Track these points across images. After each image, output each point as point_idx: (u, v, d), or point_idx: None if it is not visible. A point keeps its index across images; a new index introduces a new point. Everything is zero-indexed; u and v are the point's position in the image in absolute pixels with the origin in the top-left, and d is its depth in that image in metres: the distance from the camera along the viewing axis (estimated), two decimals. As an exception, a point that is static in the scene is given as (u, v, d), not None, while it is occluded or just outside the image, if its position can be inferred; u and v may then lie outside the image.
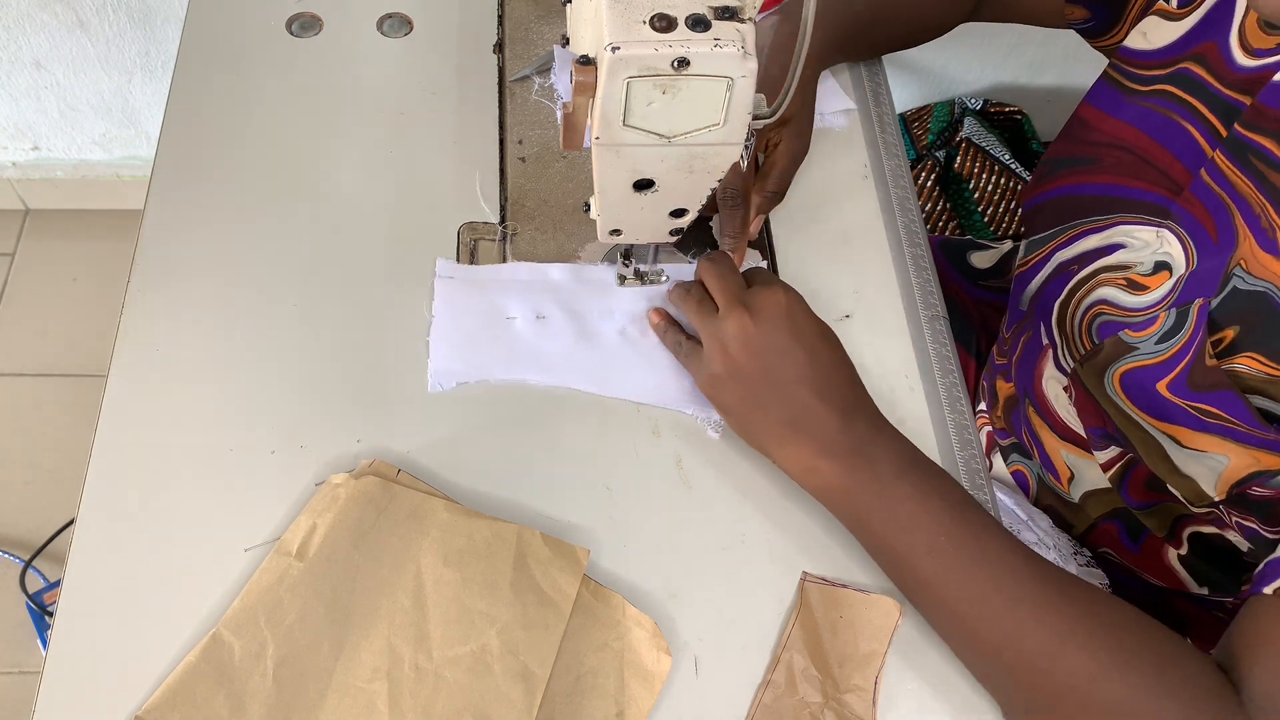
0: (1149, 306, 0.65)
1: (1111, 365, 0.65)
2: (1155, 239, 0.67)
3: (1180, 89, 0.68)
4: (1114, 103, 0.72)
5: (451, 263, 0.72)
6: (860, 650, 0.59)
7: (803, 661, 0.58)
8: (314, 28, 0.84)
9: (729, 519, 0.64)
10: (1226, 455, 0.60)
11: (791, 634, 0.59)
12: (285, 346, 0.68)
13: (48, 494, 1.40)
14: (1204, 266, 0.62)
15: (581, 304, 0.71)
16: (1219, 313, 0.60)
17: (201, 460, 0.63)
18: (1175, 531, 0.71)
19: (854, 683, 0.58)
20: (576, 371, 0.68)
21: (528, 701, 0.55)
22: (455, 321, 0.70)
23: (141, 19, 1.34)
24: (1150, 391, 0.63)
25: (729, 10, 0.50)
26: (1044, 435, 0.78)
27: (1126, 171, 0.70)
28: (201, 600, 0.58)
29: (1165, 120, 0.68)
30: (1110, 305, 0.67)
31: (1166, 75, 0.69)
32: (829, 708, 0.57)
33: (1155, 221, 0.67)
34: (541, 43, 0.85)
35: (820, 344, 0.62)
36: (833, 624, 0.60)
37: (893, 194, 0.80)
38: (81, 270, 1.59)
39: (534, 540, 0.60)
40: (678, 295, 0.68)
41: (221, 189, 0.74)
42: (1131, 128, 0.70)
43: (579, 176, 0.78)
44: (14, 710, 1.26)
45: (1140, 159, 0.69)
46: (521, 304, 0.71)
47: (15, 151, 1.55)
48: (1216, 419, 0.59)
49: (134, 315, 0.68)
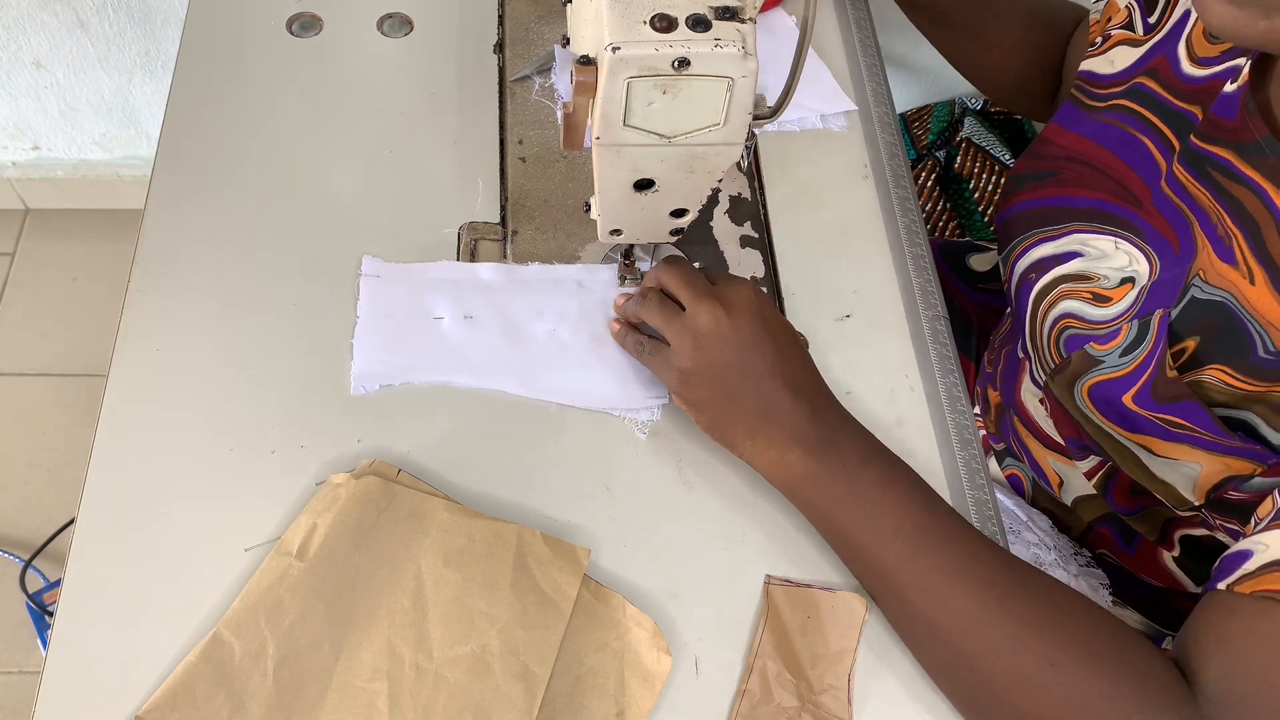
0: (1113, 319, 0.65)
1: (1080, 378, 0.65)
2: (1114, 249, 0.67)
3: (1135, 103, 0.69)
4: (1074, 119, 0.74)
5: (378, 261, 0.71)
6: (831, 649, 0.59)
7: (775, 667, 0.58)
8: (314, 28, 0.84)
9: (729, 519, 0.64)
10: (1198, 463, 0.60)
11: (762, 640, 0.59)
12: (285, 346, 0.68)
13: (48, 494, 1.39)
14: (1165, 277, 0.63)
15: (513, 304, 0.70)
16: (1179, 323, 0.60)
17: (201, 460, 0.63)
18: (1166, 534, 0.71)
19: (828, 682, 0.58)
20: (502, 373, 0.67)
21: (528, 701, 0.55)
22: (380, 322, 0.68)
23: (141, 19, 1.34)
24: (1118, 404, 0.63)
25: (729, 10, 0.50)
26: (1030, 444, 0.79)
27: (1082, 183, 0.71)
28: (201, 600, 0.58)
29: (1122, 134, 0.69)
30: (1076, 319, 0.67)
31: (1123, 91, 0.70)
32: (806, 710, 0.57)
33: (1111, 231, 0.67)
34: (541, 43, 0.85)
35: (786, 339, 0.63)
36: (801, 625, 0.60)
37: (893, 194, 0.80)
38: (81, 270, 1.59)
39: (534, 540, 0.60)
40: (634, 303, 0.66)
41: (221, 189, 0.74)
42: (1089, 142, 0.71)
43: (579, 176, 0.78)
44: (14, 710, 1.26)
45: (1096, 171, 0.70)
46: (449, 304, 0.69)
47: (15, 151, 1.54)
48: (1183, 429, 0.60)
49: (134, 315, 0.68)
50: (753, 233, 0.77)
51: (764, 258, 0.76)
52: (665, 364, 0.64)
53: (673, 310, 0.64)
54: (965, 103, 1.46)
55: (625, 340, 0.68)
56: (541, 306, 0.70)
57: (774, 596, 0.61)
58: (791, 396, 0.61)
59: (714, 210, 0.78)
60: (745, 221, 0.78)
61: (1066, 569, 0.69)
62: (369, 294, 0.69)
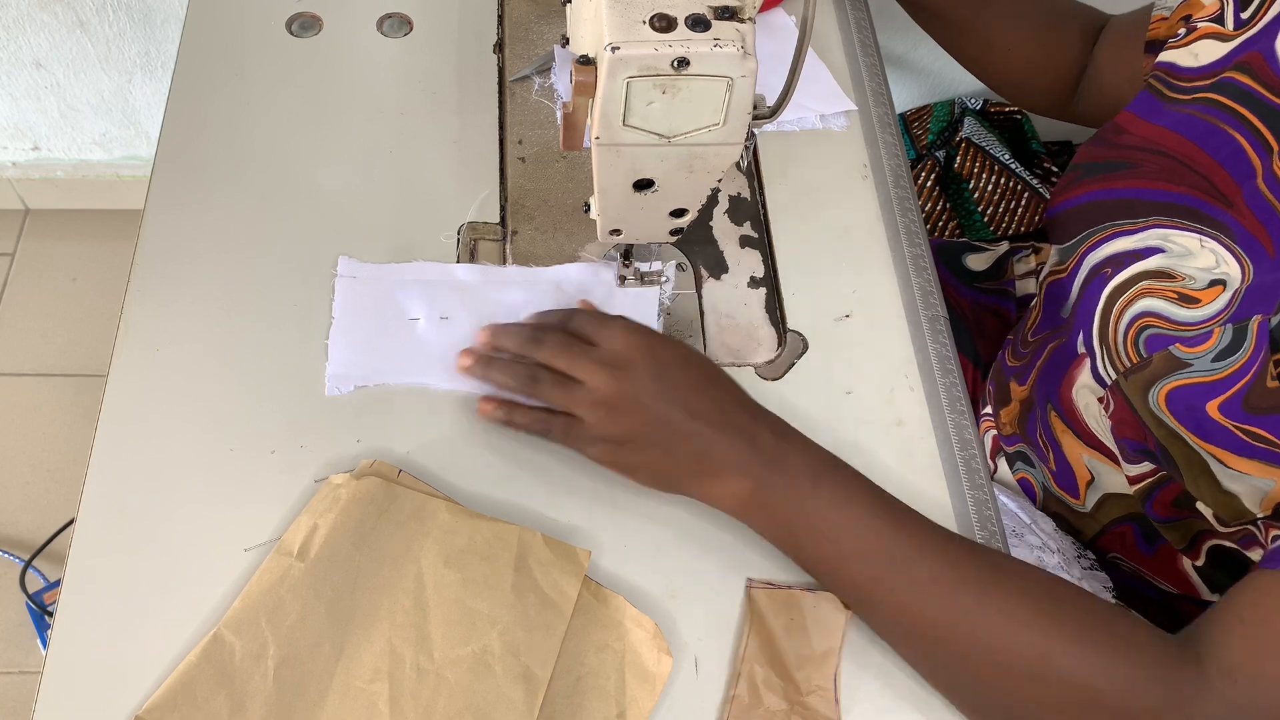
0: (1202, 321, 0.62)
1: (1159, 380, 0.63)
2: (1198, 246, 0.64)
3: (1226, 97, 0.66)
4: (1153, 110, 0.70)
5: (354, 261, 0.71)
6: (816, 650, 0.59)
7: (763, 671, 0.58)
8: (314, 28, 0.84)
9: (729, 519, 0.64)
10: (1271, 480, 0.58)
11: (748, 645, 0.59)
12: (285, 346, 0.68)
13: (48, 494, 1.39)
14: (1261, 281, 0.60)
15: (489, 305, 0.69)
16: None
17: (201, 460, 0.63)
18: (1195, 544, 0.70)
19: (815, 683, 0.58)
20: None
21: (529, 702, 0.55)
22: (354, 322, 0.68)
23: (141, 19, 1.34)
24: (1199, 411, 0.61)
25: (729, 10, 0.50)
26: (1065, 440, 0.77)
27: (1163, 176, 0.68)
28: (201, 600, 0.58)
29: (1209, 128, 0.66)
30: (1159, 318, 0.64)
31: (1210, 85, 0.67)
32: (795, 713, 0.57)
33: (1195, 228, 0.65)
34: (541, 43, 0.85)
35: (691, 369, 0.61)
36: (785, 627, 0.59)
37: (893, 194, 0.80)
38: (81, 270, 1.59)
39: (535, 541, 0.60)
40: (522, 382, 0.63)
41: (221, 189, 0.74)
42: (1172, 134, 0.68)
43: (579, 176, 0.78)
44: (14, 710, 1.26)
45: (1180, 164, 0.67)
46: (425, 304, 0.69)
47: (15, 151, 1.54)
48: (1265, 443, 0.58)
49: (134, 315, 0.68)
50: (752, 233, 0.77)
51: (764, 258, 0.76)
52: (583, 441, 0.62)
53: (570, 385, 0.61)
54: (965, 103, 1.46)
55: (520, 421, 0.64)
56: (517, 308, 0.69)
57: (757, 600, 0.60)
58: (721, 434, 0.59)
59: (714, 210, 0.78)
60: (745, 221, 0.78)
61: (1070, 572, 0.69)
62: (344, 295, 0.69)
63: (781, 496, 0.59)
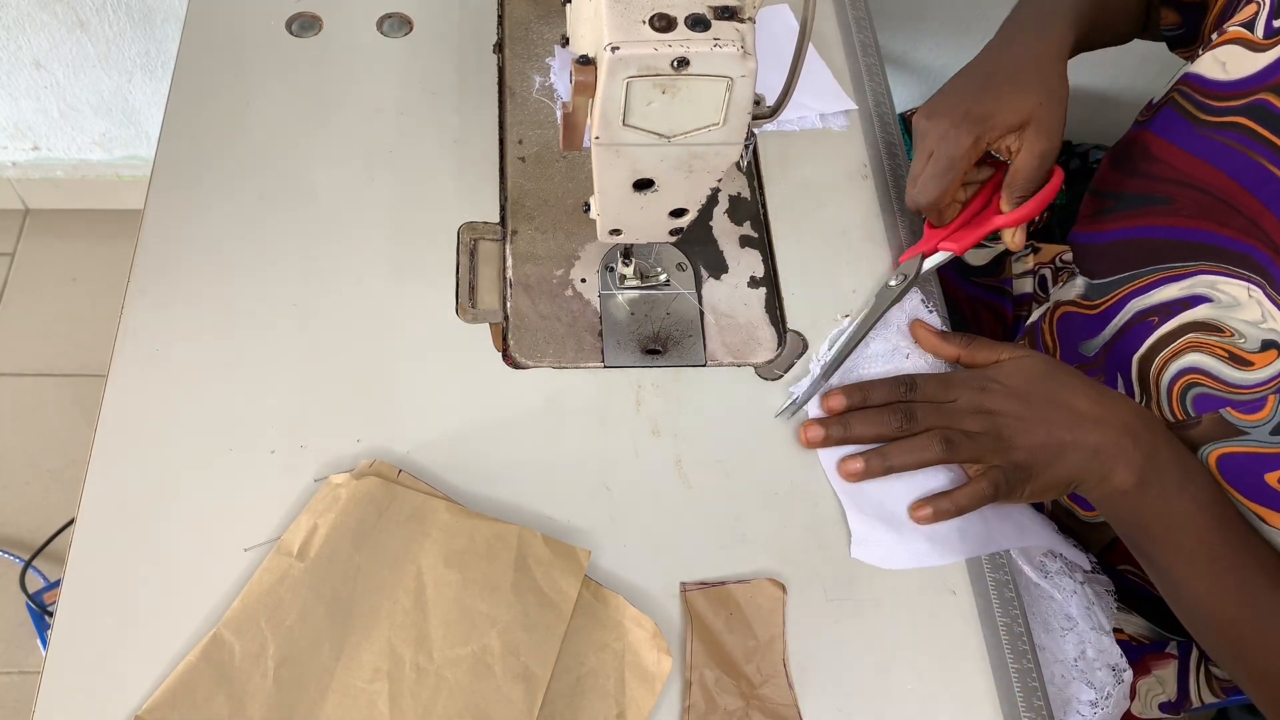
0: (1255, 385, 0.59)
1: (1212, 443, 0.61)
2: (1246, 296, 0.60)
3: (1260, 124, 0.60)
4: (1183, 133, 0.66)
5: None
6: (760, 639, 0.59)
7: (712, 674, 0.58)
8: (314, 28, 0.84)
9: (728, 519, 0.64)
10: None
11: (692, 650, 0.59)
12: (285, 346, 0.68)
13: (48, 494, 1.39)
14: None
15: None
16: None
17: (201, 460, 0.63)
18: None
19: (766, 673, 0.58)
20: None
21: (528, 702, 0.55)
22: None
23: (141, 19, 1.34)
24: (1257, 479, 0.59)
25: (729, 10, 0.50)
26: None
27: (1208, 216, 0.63)
28: (201, 600, 0.58)
29: (1247, 162, 0.61)
30: (1208, 376, 0.61)
31: (1241, 107, 0.62)
32: (752, 707, 0.57)
33: (1244, 275, 0.61)
34: (541, 43, 0.85)
35: (1066, 375, 0.64)
36: (726, 624, 0.59)
37: (893, 194, 0.80)
38: (81, 270, 1.59)
39: (535, 541, 0.60)
40: (898, 423, 0.64)
41: (221, 189, 0.74)
42: (1207, 165, 0.64)
43: (579, 176, 0.78)
44: (14, 710, 1.26)
45: (1222, 203, 0.62)
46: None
47: (15, 151, 1.54)
48: None
49: (134, 315, 0.68)
50: (752, 232, 0.77)
51: (763, 257, 0.76)
52: (1003, 449, 0.62)
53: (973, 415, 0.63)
54: (965, 102, 1.45)
55: (895, 460, 0.64)
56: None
57: (693, 603, 0.60)
58: (1113, 433, 0.60)
59: (714, 210, 0.78)
60: (745, 221, 0.78)
61: (1072, 576, 0.68)
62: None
63: (1150, 496, 0.59)
